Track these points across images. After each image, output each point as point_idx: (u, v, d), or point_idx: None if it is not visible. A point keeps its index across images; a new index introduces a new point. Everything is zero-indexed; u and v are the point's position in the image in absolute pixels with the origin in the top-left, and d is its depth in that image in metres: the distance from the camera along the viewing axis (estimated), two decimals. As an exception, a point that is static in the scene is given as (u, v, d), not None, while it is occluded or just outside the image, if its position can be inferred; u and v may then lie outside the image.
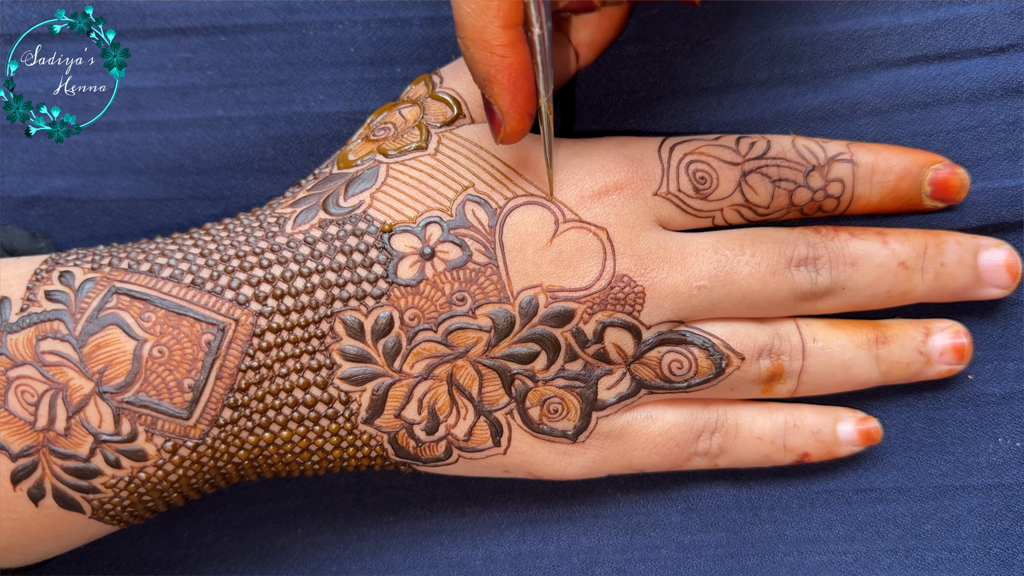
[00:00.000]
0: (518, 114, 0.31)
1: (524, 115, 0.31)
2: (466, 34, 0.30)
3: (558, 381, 0.34)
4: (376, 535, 0.39)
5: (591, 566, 0.38)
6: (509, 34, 0.29)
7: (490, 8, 0.29)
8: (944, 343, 0.36)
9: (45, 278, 0.33)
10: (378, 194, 0.34)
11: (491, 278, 0.33)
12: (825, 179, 0.35)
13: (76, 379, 0.32)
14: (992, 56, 0.36)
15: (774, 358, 0.35)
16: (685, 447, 0.36)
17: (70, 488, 0.33)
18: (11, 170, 0.39)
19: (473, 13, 0.29)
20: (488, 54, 0.30)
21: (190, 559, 0.40)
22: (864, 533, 0.38)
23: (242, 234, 0.34)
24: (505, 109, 0.31)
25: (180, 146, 0.39)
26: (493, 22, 0.29)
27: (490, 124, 0.32)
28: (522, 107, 0.31)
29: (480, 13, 0.29)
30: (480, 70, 0.30)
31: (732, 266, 0.34)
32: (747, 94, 0.38)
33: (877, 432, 0.37)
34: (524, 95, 0.31)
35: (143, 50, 0.39)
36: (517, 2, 0.29)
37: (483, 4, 0.29)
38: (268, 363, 0.33)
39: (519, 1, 0.29)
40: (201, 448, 0.33)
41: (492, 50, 0.30)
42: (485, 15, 0.29)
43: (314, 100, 0.39)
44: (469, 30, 0.29)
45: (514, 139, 0.32)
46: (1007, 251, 0.36)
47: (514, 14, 0.29)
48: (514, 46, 0.30)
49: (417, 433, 0.34)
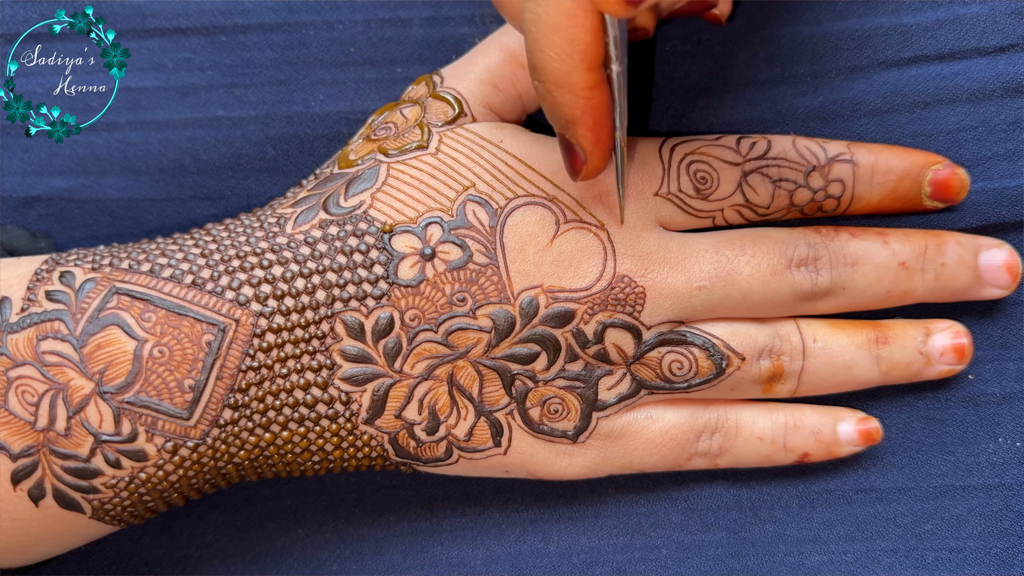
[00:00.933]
0: (601, 152, 0.31)
1: (606, 152, 0.31)
2: (549, 79, 0.29)
3: (558, 381, 0.34)
4: (376, 535, 0.39)
5: (591, 566, 0.38)
6: (594, 76, 0.29)
7: (575, 53, 0.28)
8: (944, 343, 0.36)
9: (46, 278, 0.33)
10: (379, 194, 0.34)
11: (492, 279, 0.33)
12: (825, 179, 0.35)
13: (76, 379, 0.32)
14: (992, 56, 0.36)
15: (774, 358, 0.35)
16: (685, 447, 0.36)
17: (70, 488, 0.33)
18: (11, 170, 0.39)
19: (557, 58, 0.28)
20: (573, 97, 0.29)
21: (190, 559, 0.40)
22: (864, 533, 0.38)
23: (243, 234, 0.34)
24: (589, 149, 0.30)
25: (180, 146, 0.39)
26: (579, 66, 0.28)
27: (569, 162, 0.32)
28: (605, 145, 0.31)
29: (565, 58, 0.28)
30: (563, 112, 0.29)
31: (733, 266, 0.34)
32: (747, 94, 0.38)
33: (877, 432, 0.37)
34: (607, 133, 0.30)
35: (143, 50, 0.39)
36: (600, 43, 0.28)
37: (568, 48, 0.28)
38: (268, 363, 0.33)
39: (602, 42, 0.28)
40: (201, 448, 0.33)
41: (577, 93, 0.29)
42: (571, 60, 0.28)
43: (314, 100, 0.39)
44: (553, 75, 0.28)
45: (594, 176, 0.32)
46: (1007, 251, 0.36)
47: (598, 55, 0.28)
48: (598, 88, 0.29)
49: (417, 433, 0.34)
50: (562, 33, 0.27)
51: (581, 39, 0.27)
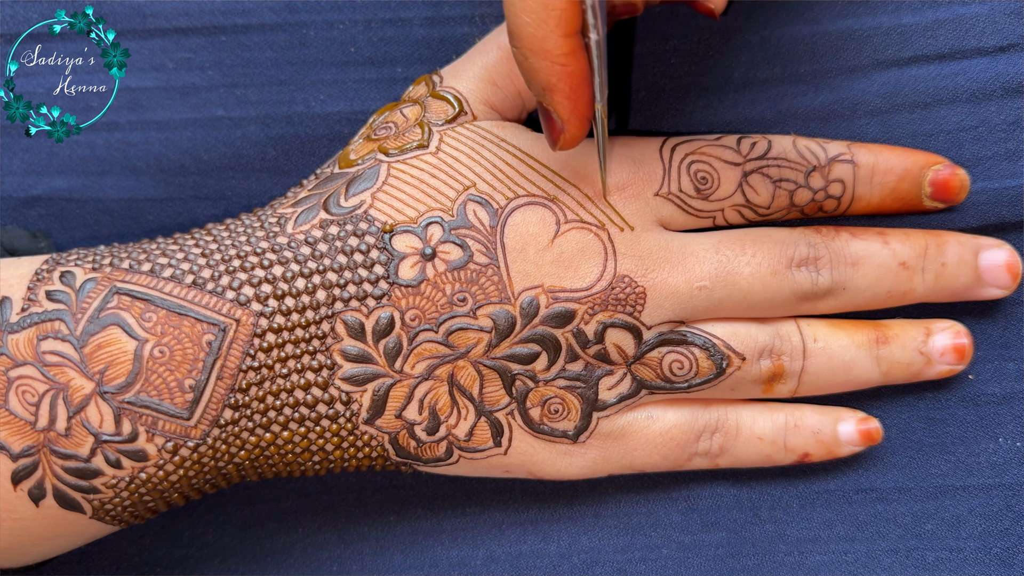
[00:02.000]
0: (578, 121, 0.31)
1: (584, 121, 0.31)
2: (524, 44, 0.29)
3: (559, 381, 0.34)
4: (377, 535, 0.39)
5: (592, 566, 0.38)
6: (569, 42, 0.29)
7: (550, 17, 0.28)
8: (945, 343, 0.36)
9: (46, 278, 0.33)
10: (379, 194, 0.34)
11: (492, 279, 0.33)
12: (826, 180, 0.35)
13: (77, 379, 0.32)
14: (992, 56, 0.36)
15: (775, 358, 0.35)
16: (686, 447, 0.36)
17: (71, 488, 0.33)
18: (11, 170, 0.39)
19: (532, 23, 0.28)
20: (548, 63, 0.29)
21: (191, 559, 0.40)
22: (865, 533, 0.38)
23: (243, 234, 0.34)
24: (566, 117, 0.30)
25: (181, 146, 0.39)
26: (554, 31, 0.28)
27: (547, 131, 0.32)
28: (582, 114, 0.31)
29: (540, 23, 0.28)
30: (539, 79, 0.30)
31: (733, 266, 0.34)
32: (747, 94, 0.38)
33: (878, 432, 0.37)
34: (584, 102, 0.30)
35: (144, 50, 0.39)
36: (576, 9, 0.28)
37: (543, 14, 0.28)
38: (269, 363, 0.33)
39: (578, 8, 0.28)
40: (202, 448, 0.33)
41: (553, 59, 0.29)
42: (545, 24, 0.28)
43: (315, 100, 0.39)
44: (528, 40, 0.29)
45: (572, 145, 0.32)
46: (1008, 251, 0.36)
47: (573, 22, 0.28)
48: (574, 54, 0.29)
49: (418, 433, 0.34)
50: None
51: (555, 4, 0.28)
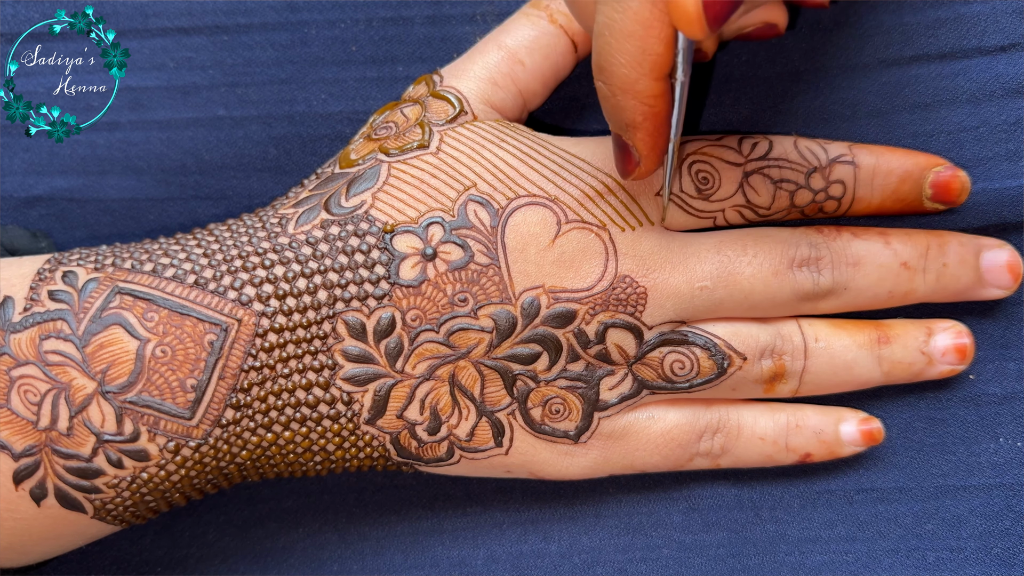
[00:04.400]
0: (656, 157, 0.32)
1: (660, 157, 0.32)
2: (615, 83, 0.29)
3: (560, 382, 0.34)
4: (377, 535, 0.39)
5: (592, 566, 0.38)
6: (660, 85, 0.29)
7: (646, 61, 0.28)
8: (946, 343, 0.36)
9: (48, 278, 0.33)
10: (380, 194, 0.34)
11: (493, 279, 0.33)
12: (827, 181, 0.35)
13: (79, 379, 0.32)
14: (993, 55, 0.36)
15: (776, 358, 0.35)
16: (687, 447, 0.36)
17: (72, 488, 0.33)
18: (12, 170, 0.39)
19: (627, 64, 0.28)
20: (637, 103, 0.29)
21: (191, 559, 0.40)
22: (865, 533, 0.38)
23: (245, 234, 0.34)
24: (645, 153, 0.31)
25: (182, 146, 0.39)
26: (648, 75, 0.29)
27: (621, 163, 0.32)
28: (660, 150, 0.31)
29: (635, 65, 0.28)
30: (625, 116, 0.30)
31: (734, 266, 0.34)
32: (748, 93, 0.38)
33: (879, 432, 0.37)
34: (664, 140, 0.31)
35: (145, 49, 0.39)
36: (670, 54, 0.28)
37: (638, 57, 0.28)
38: (270, 363, 0.33)
39: (672, 53, 0.28)
40: (203, 448, 0.33)
41: (642, 100, 0.29)
42: (640, 67, 0.28)
43: (316, 99, 0.39)
44: (620, 80, 0.29)
45: (645, 177, 0.33)
46: (1009, 252, 0.36)
47: (666, 66, 0.29)
48: (663, 96, 0.30)
49: (419, 433, 0.34)
50: (635, 42, 0.28)
51: (654, 49, 0.28)
